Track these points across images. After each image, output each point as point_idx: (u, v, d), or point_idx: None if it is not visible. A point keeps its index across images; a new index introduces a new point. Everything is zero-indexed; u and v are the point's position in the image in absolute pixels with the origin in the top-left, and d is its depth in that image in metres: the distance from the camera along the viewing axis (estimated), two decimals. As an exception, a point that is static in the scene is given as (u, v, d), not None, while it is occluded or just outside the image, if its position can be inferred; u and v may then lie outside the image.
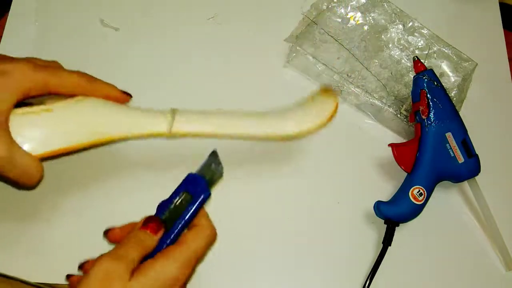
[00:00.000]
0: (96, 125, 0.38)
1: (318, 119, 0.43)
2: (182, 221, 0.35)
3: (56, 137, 0.36)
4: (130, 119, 0.40)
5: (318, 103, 0.44)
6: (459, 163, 0.47)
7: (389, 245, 0.46)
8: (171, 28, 0.56)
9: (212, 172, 0.38)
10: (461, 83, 0.54)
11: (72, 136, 0.37)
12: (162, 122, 0.40)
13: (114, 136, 0.39)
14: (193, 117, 0.41)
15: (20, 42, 0.53)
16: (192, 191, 0.36)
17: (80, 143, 0.37)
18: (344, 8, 0.57)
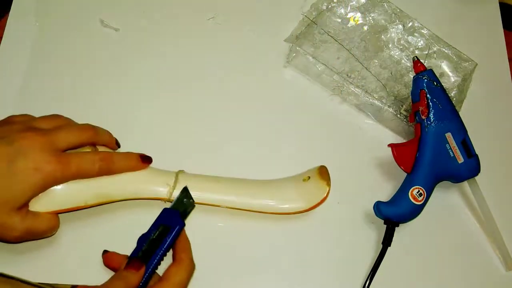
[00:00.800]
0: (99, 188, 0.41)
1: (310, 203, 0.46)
2: (161, 251, 0.39)
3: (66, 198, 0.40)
4: (134, 185, 0.43)
5: (313, 186, 0.46)
6: (459, 163, 0.47)
7: (389, 245, 0.46)
8: (171, 28, 0.56)
9: (185, 206, 0.42)
10: (461, 83, 0.54)
11: (79, 197, 0.41)
12: (163, 190, 0.44)
13: (116, 198, 0.43)
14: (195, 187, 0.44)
15: (20, 42, 0.53)
16: (168, 223, 0.40)
17: (86, 204, 0.41)
18: (344, 8, 0.57)
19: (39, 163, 0.36)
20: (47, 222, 0.40)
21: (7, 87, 0.51)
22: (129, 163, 0.42)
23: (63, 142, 0.39)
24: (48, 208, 0.39)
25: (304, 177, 0.47)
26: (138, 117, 0.51)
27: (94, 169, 0.40)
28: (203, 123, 0.51)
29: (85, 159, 0.40)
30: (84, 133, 0.41)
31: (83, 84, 0.52)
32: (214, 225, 0.47)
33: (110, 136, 0.44)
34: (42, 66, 0.53)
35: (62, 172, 0.38)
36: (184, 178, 0.44)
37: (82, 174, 0.39)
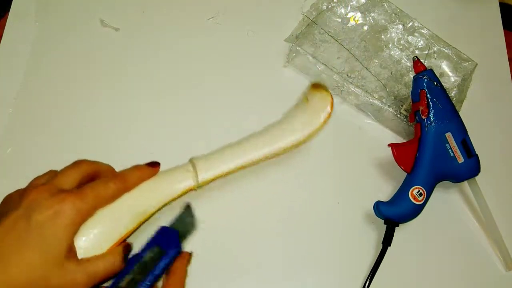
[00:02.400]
0: (133, 209, 0.40)
1: (322, 114, 0.45)
2: (152, 277, 0.36)
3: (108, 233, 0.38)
4: (161, 190, 0.42)
5: (316, 100, 0.46)
6: (459, 163, 0.47)
7: (389, 245, 0.46)
8: (171, 27, 0.56)
9: (185, 226, 0.40)
10: (461, 83, 0.54)
11: (119, 226, 0.39)
12: (188, 179, 0.42)
13: (152, 210, 0.41)
14: (212, 161, 0.43)
15: (20, 42, 0.53)
16: (164, 246, 0.37)
17: (129, 229, 0.39)
18: (344, 8, 0.57)
19: (55, 206, 0.35)
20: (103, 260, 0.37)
21: (7, 87, 0.51)
22: (140, 172, 0.41)
23: (66, 182, 0.38)
24: (99, 250, 0.38)
25: (303, 100, 0.47)
26: (138, 116, 0.51)
27: (109, 188, 0.39)
28: (203, 123, 0.51)
29: (97, 184, 0.38)
30: (80, 165, 0.39)
31: (83, 83, 0.52)
32: (213, 226, 0.47)
33: (110, 166, 0.42)
34: (42, 66, 0.53)
35: (81, 201, 0.36)
36: (199, 160, 0.43)
37: (101, 198, 0.38)
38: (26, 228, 0.34)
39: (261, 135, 0.45)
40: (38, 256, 0.34)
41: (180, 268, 0.38)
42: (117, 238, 0.39)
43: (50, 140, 0.49)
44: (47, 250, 0.34)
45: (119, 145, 0.50)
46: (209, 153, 0.45)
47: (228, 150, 0.44)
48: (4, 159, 0.48)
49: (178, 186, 0.42)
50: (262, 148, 0.44)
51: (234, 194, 0.48)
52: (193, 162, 0.43)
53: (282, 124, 0.46)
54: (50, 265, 0.34)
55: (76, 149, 0.49)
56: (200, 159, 0.44)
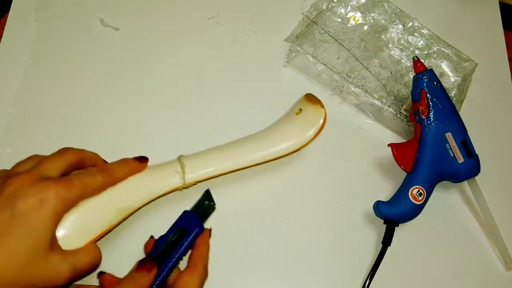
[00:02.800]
0: (117, 204, 0.40)
1: (314, 128, 0.46)
2: (177, 254, 0.39)
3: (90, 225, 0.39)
4: (147, 187, 0.42)
5: (309, 113, 0.46)
6: (459, 163, 0.47)
7: (389, 245, 0.46)
8: (171, 27, 0.56)
9: (205, 208, 0.41)
10: (461, 83, 0.54)
11: (103, 220, 0.40)
12: (175, 178, 0.43)
13: (136, 207, 0.42)
14: (201, 163, 0.44)
15: (20, 42, 0.53)
16: (186, 227, 0.40)
17: (111, 224, 0.40)
18: (344, 8, 0.57)
19: (39, 194, 0.34)
20: (88, 253, 0.38)
21: (7, 87, 0.51)
22: (127, 167, 0.41)
23: (50, 169, 0.37)
24: (80, 242, 0.38)
25: (296, 111, 0.47)
26: (138, 116, 0.51)
27: (96, 180, 0.38)
28: (203, 123, 0.51)
29: (84, 174, 0.38)
30: (65, 153, 0.39)
31: (83, 83, 0.52)
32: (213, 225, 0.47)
33: (95, 154, 0.42)
34: (42, 66, 0.53)
35: (67, 190, 0.36)
36: (188, 160, 0.44)
37: (87, 189, 0.38)
38: (9, 217, 0.33)
39: (252, 142, 0.46)
40: (22, 246, 0.33)
41: (203, 243, 0.40)
42: (98, 232, 0.39)
43: (50, 140, 0.49)
44: (31, 240, 0.34)
45: (119, 144, 0.50)
46: (198, 153, 0.45)
47: (217, 152, 0.45)
48: (4, 159, 0.48)
49: (165, 185, 0.43)
50: (252, 155, 0.45)
51: (234, 194, 0.48)
52: (182, 162, 0.43)
53: (274, 132, 0.46)
54: (34, 256, 0.34)
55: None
56: (189, 159, 0.44)
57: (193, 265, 0.38)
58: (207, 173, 0.44)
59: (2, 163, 0.48)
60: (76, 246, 0.37)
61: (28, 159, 0.39)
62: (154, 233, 0.41)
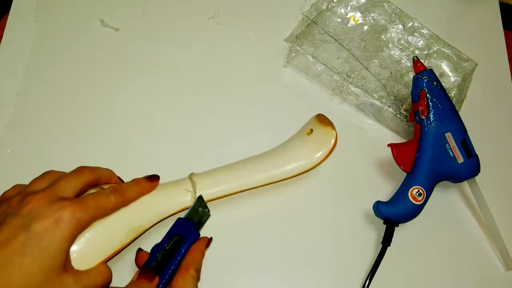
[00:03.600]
0: (129, 224, 0.41)
1: (325, 149, 0.46)
2: (175, 261, 0.38)
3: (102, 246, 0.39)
4: (158, 206, 0.42)
5: (320, 135, 0.46)
6: (459, 163, 0.47)
7: (389, 245, 0.46)
8: (171, 28, 0.56)
9: (200, 215, 0.42)
10: (461, 83, 0.54)
11: (115, 240, 0.40)
12: (186, 197, 0.43)
13: (148, 226, 0.42)
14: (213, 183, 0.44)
15: (20, 42, 0.53)
16: (183, 234, 0.39)
17: (123, 244, 0.40)
18: (344, 8, 0.57)
19: (55, 214, 0.35)
20: (100, 274, 0.38)
21: (8, 87, 0.51)
22: (139, 187, 0.41)
23: (67, 189, 0.37)
24: (92, 262, 0.38)
25: (307, 131, 0.47)
26: (137, 116, 0.51)
27: (110, 201, 0.39)
28: (203, 122, 0.51)
29: (98, 194, 0.39)
30: (82, 173, 0.39)
31: (83, 84, 0.52)
32: (213, 225, 0.47)
33: (110, 171, 0.43)
34: (42, 66, 0.53)
35: (82, 211, 0.36)
36: (199, 178, 0.44)
37: (101, 210, 0.38)
38: (25, 238, 0.34)
39: (262, 161, 0.46)
40: (37, 267, 0.34)
41: (197, 249, 0.40)
42: (110, 252, 0.39)
43: (50, 140, 0.49)
44: (45, 260, 0.34)
45: (119, 145, 0.50)
46: (209, 171, 0.45)
47: (228, 171, 0.45)
48: (4, 159, 0.48)
49: (176, 204, 0.43)
50: (262, 175, 0.45)
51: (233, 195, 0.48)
52: (193, 180, 0.44)
53: (285, 152, 0.46)
54: (49, 276, 0.34)
55: (76, 149, 0.49)
56: (200, 177, 0.44)
57: (185, 268, 0.38)
58: (218, 192, 0.44)
59: (2, 163, 0.48)
60: (88, 266, 0.38)
61: (45, 176, 0.39)
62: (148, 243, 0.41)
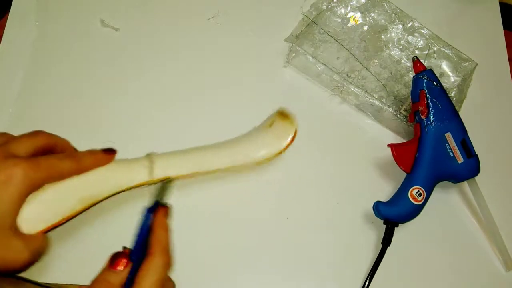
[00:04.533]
0: (81, 192, 0.40)
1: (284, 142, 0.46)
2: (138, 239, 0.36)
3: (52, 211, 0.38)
4: (113, 179, 0.41)
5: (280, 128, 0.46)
6: (459, 163, 0.47)
7: (388, 245, 0.46)
8: (171, 27, 0.56)
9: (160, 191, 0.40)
10: (461, 83, 0.54)
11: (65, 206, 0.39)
12: (142, 174, 0.42)
13: (100, 197, 0.41)
14: (171, 162, 0.43)
15: (20, 42, 0.53)
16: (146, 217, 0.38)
17: (72, 211, 0.39)
18: (344, 8, 0.57)
19: (5, 170, 0.33)
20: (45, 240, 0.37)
21: (7, 87, 0.51)
22: (95, 157, 0.40)
23: (20, 148, 0.36)
24: (40, 226, 0.37)
25: (269, 123, 0.47)
26: (137, 115, 0.51)
27: (64, 165, 0.37)
28: (203, 122, 0.51)
29: (52, 157, 0.37)
30: (37, 135, 0.38)
31: (83, 83, 0.52)
32: (212, 225, 0.47)
33: (67, 141, 0.41)
34: (42, 66, 0.53)
35: (34, 171, 0.35)
36: (158, 157, 0.43)
37: (54, 172, 0.37)
38: None
39: (222, 148, 0.46)
40: None
41: (158, 225, 0.38)
42: (58, 219, 0.38)
43: (50, 140, 0.49)
44: None
45: (119, 144, 0.49)
46: (169, 152, 0.45)
47: (188, 154, 0.45)
48: (4, 159, 0.48)
49: (131, 179, 0.42)
50: (219, 160, 0.45)
51: (233, 194, 0.48)
52: (152, 158, 0.43)
53: (244, 142, 0.47)
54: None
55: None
56: (159, 156, 0.44)
57: (150, 253, 0.36)
58: (176, 173, 0.43)
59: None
60: (35, 230, 0.37)
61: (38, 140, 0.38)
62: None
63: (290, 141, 0.46)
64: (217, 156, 0.45)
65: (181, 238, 0.46)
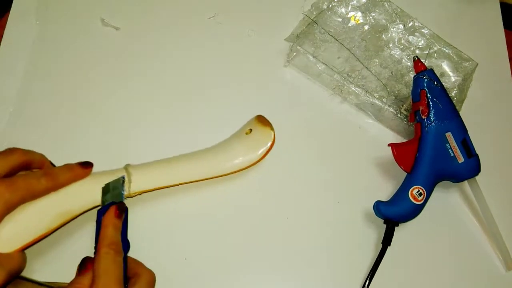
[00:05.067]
0: (58, 208, 0.40)
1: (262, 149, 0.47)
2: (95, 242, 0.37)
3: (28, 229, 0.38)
4: (90, 193, 0.41)
5: (259, 134, 0.48)
6: (459, 163, 0.47)
7: (389, 245, 0.46)
8: (171, 27, 0.56)
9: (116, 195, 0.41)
10: (462, 83, 0.54)
11: (41, 223, 0.39)
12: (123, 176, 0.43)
13: (77, 212, 0.41)
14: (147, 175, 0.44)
15: (20, 42, 0.53)
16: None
17: (49, 228, 0.39)
18: (344, 8, 0.57)
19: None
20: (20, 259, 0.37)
21: (8, 87, 0.51)
22: (72, 172, 0.40)
23: None
24: (16, 245, 0.37)
25: (246, 131, 0.48)
26: (137, 115, 0.51)
27: (40, 184, 0.38)
28: (203, 122, 0.51)
29: (28, 177, 0.37)
30: (12, 153, 0.38)
31: (83, 83, 0.52)
32: (212, 225, 0.47)
33: (43, 156, 0.41)
34: (42, 66, 0.53)
35: (10, 192, 0.35)
36: (135, 169, 0.43)
37: (31, 192, 0.37)
38: None
39: (199, 158, 0.46)
40: None
41: (105, 223, 0.38)
42: (35, 237, 0.38)
43: (50, 139, 0.49)
44: None
45: (119, 144, 0.50)
46: (146, 163, 0.45)
47: (164, 165, 0.45)
48: (4, 158, 0.48)
49: None
50: (196, 171, 0.46)
51: (233, 194, 0.48)
52: (129, 171, 0.43)
53: (222, 151, 0.47)
54: None
55: (76, 149, 0.49)
56: (136, 168, 0.44)
57: (97, 249, 0.37)
58: (152, 184, 0.44)
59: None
60: (12, 249, 0.37)
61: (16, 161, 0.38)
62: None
63: (270, 147, 0.47)
64: (194, 168, 0.45)
65: (181, 237, 0.46)
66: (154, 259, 0.41)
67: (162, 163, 0.45)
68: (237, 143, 0.47)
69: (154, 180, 0.44)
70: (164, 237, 0.46)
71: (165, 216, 0.46)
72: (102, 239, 0.37)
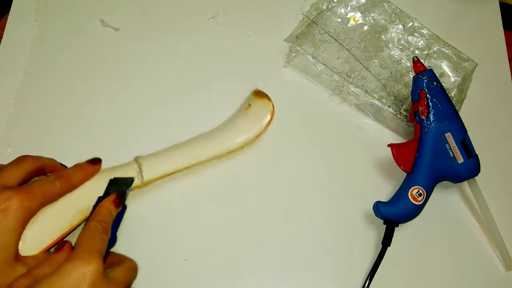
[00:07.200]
0: (77, 206, 0.41)
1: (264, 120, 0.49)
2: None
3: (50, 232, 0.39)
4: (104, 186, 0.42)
5: (257, 107, 0.49)
6: (459, 163, 0.47)
7: (389, 245, 0.46)
8: (171, 27, 0.56)
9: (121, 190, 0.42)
10: (461, 83, 0.54)
11: (63, 222, 0.40)
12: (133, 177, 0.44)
13: None
14: (158, 161, 0.45)
15: (20, 42, 0.53)
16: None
17: (72, 225, 0.40)
18: (344, 8, 0.57)
19: (1, 205, 0.34)
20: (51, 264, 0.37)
21: (7, 87, 0.51)
22: (83, 171, 0.41)
23: (9, 178, 0.37)
24: (41, 247, 0.38)
25: (246, 106, 0.49)
26: (137, 115, 0.51)
27: (56, 187, 0.38)
28: (203, 122, 0.51)
29: (43, 181, 0.38)
30: (24, 162, 0.39)
31: (83, 83, 0.52)
32: (212, 225, 0.47)
33: (54, 160, 0.42)
34: (42, 66, 0.53)
35: (29, 200, 0.35)
36: (145, 159, 0.45)
37: (48, 197, 0.38)
38: None
39: (205, 139, 0.48)
40: None
41: (100, 205, 0.39)
42: (58, 235, 0.39)
43: (50, 140, 0.49)
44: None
45: (119, 144, 0.50)
46: (155, 152, 0.46)
47: (172, 151, 0.47)
48: (4, 159, 0.48)
49: None
50: (206, 151, 0.47)
51: (233, 194, 0.48)
52: (139, 161, 0.45)
53: (226, 129, 0.49)
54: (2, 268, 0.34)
55: (76, 149, 0.48)
56: (145, 158, 0.45)
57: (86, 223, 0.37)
58: (164, 170, 0.45)
59: (2, 163, 0.48)
60: (38, 250, 0.38)
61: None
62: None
63: (270, 119, 0.49)
64: (202, 149, 0.47)
65: (181, 238, 0.46)
66: (155, 260, 0.41)
67: (172, 148, 0.47)
68: (240, 119, 0.49)
69: (165, 164, 0.45)
70: (164, 238, 0.46)
71: (166, 217, 0.46)
72: (94, 216, 0.38)
